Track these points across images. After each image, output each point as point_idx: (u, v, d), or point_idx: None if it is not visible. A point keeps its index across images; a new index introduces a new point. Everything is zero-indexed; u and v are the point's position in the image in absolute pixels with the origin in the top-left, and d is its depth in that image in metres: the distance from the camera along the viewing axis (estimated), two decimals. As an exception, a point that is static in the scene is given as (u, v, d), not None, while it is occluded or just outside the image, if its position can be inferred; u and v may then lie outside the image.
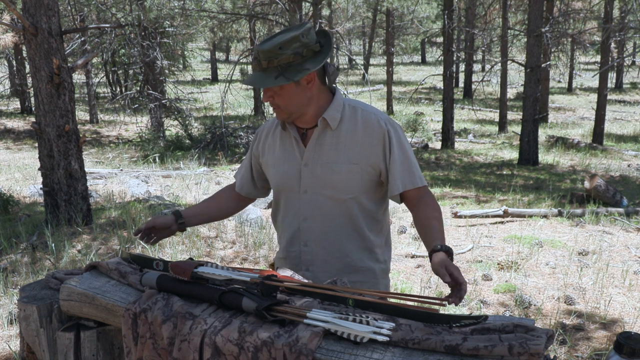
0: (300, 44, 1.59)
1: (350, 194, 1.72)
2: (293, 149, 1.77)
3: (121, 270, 1.58)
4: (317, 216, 1.75)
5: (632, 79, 28.69)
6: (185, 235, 4.78)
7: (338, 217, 1.74)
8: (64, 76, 4.69)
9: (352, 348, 1.17)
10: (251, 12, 12.70)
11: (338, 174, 1.71)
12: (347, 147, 1.71)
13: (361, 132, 1.72)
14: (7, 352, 2.99)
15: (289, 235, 1.82)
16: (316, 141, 1.74)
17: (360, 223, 1.76)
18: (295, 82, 1.63)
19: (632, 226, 5.70)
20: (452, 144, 12.98)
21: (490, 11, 19.23)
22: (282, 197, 1.83)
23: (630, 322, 3.54)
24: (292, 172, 1.76)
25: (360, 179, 1.72)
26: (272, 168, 1.83)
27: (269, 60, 1.59)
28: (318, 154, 1.73)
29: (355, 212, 1.75)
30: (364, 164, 1.71)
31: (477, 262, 4.61)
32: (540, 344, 1.08)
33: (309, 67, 1.62)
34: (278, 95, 1.66)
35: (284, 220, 1.84)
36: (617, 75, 24.79)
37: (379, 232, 1.83)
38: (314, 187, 1.74)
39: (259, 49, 1.61)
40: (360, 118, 1.74)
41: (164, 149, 11.44)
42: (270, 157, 1.83)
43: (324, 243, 1.76)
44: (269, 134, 1.86)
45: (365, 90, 23.61)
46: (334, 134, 1.73)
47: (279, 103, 1.67)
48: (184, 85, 19.70)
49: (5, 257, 4.38)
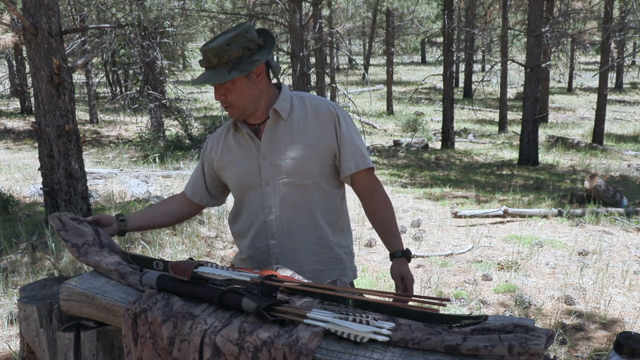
0: (245, 39, 1.66)
1: (310, 179, 1.77)
2: (249, 145, 1.79)
3: (121, 271, 1.57)
4: (280, 206, 1.78)
5: (632, 79, 28.69)
6: (185, 235, 4.78)
7: (301, 205, 1.78)
8: (64, 76, 4.69)
9: (352, 348, 1.17)
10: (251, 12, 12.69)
11: (297, 160, 1.75)
12: (302, 134, 1.76)
13: (312, 118, 1.78)
14: (7, 352, 2.99)
15: (254, 232, 1.83)
16: (270, 133, 1.77)
17: (323, 208, 1.81)
18: (247, 76, 1.68)
19: (632, 226, 5.70)
20: (452, 144, 12.98)
21: (490, 11, 19.24)
22: (244, 195, 1.84)
23: (630, 322, 3.54)
24: (252, 167, 1.79)
25: (318, 164, 1.77)
26: (230, 167, 1.84)
27: (219, 56, 1.64)
28: (274, 145, 1.76)
29: (317, 198, 1.79)
30: (320, 147, 1.76)
31: (477, 262, 4.61)
32: (540, 344, 1.08)
33: (258, 58, 1.68)
34: (230, 91, 1.69)
35: (247, 219, 1.85)
36: (617, 75, 24.80)
37: (340, 216, 1.88)
38: (275, 178, 1.77)
39: (206, 49, 1.65)
40: (310, 105, 1.80)
41: (164, 149, 11.44)
42: (226, 159, 1.84)
43: (291, 232, 1.79)
44: (220, 140, 1.88)
45: (365, 90, 23.61)
46: (287, 124, 1.77)
47: (232, 100, 1.71)
48: (184, 85, 19.70)
49: (5, 257, 4.38)
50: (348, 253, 1.91)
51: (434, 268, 4.47)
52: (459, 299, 3.85)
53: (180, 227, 4.95)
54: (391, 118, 18.28)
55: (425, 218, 5.97)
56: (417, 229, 5.52)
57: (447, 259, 4.70)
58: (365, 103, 20.35)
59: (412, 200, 7.02)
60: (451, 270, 4.43)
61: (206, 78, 1.66)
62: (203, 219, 5.30)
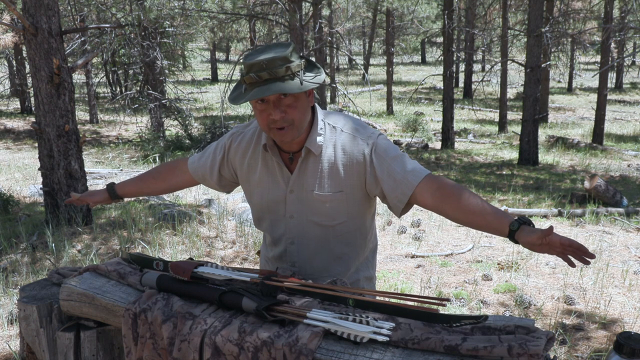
0: (297, 54, 1.51)
1: (337, 220, 1.66)
2: (276, 175, 1.66)
3: (120, 272, 1.58)
4: (304, 240, 1.70)
5: (632, 79, 28.70)
6: (185, 235, 4.78)
7: (325, 242, 1.69)
8: (64, 76, 4.69)
9: (352, 348, 1.17)
10: (251, 12, 12.69)
11: (323, 203, 1.63)
12: (330, 175, 1.62)
13: (341, 160, 1.61)
14: (7, 352, 2.99)
15: (277, 254, 1.77)
16: (299, 167, 1.63)
17: (346, 244, 1.72)
18: (306, 93, 1.53)
19: (632, 226, 5.70)
20: (452, 144, 12.98)
21: (490, 11, 19.24)
22: (267, 219, 1.75)
23: (630, 322, 3.54)
24: (277, 198, 1.68)
25: (346, 205, 1.65)
26: (255, 188, 1.71)
27: (286, 67, 1.45)
28: (302, 181, 1.64)
29: (345, 234, 1.70)
30: (348, 190, 1.62)
31: (477, 262, 4.61)
32: (539, 345, 1.08)
33: (319, 73, 1.53)
34: (292, 108, 1.50)
35: (270, 236, 1.78)
36: (617, 75, 24.82)
37: (364, 249, 1.78)
38: (300, 213, 1.67)
39: (268, 59, 1.43)
40: (340, 144, 1.61)
41: (164, 149, 11.44)
42: (252, 177, 1.71)
43: (312, 264, 1.72)
44: (247, 154, 1.71)
45: (365, 90, 23.61)
46: (317, 160, 1.62)
47: (294, 117, 1.51)
48: (184, 85, 19.70)
49: (5, 257, 4.38)
50: (368, 278, 1.83)
51: (434, 268, 4.47)
52: (459, 299, 3.85)
53: (180, 227, 4.95)
54: (391, 118, 18.28)
55: (425, 218, 5.97)
56: (417, 229, 5.52)
57: (447, 259, 4.70)
58: (365, 103, 20.35)
59: (412, 200, 7.02)
60: (451, 270, 4.43)
61: (276, 89, 1.43)
62: (203, 219, 5.30)
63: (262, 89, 1.44)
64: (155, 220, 5.12)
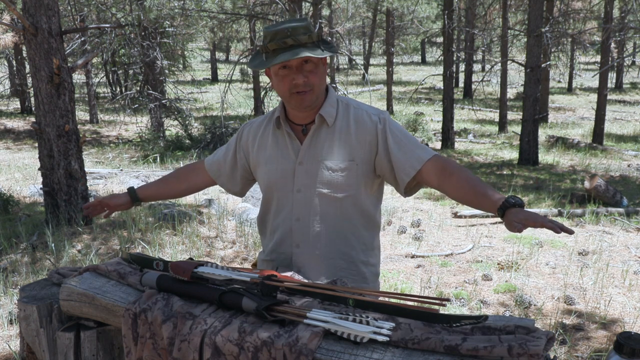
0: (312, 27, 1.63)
1: (345, 192, 1.67)
2: (287, 147, 1.71)
3: (120, 272, 1.58)
4: (310, 216, 1.69)
5: (632, 79, 28.70)
6: (185, 235, 4.78)
7: (332, 217, 1.69)
8: (64, 76, 4.69)
9: (352, 348, 1.17)
10: (251, 12, 12.70)
11: (334, 172, 1.66)
12: (342, 144, 1.67)
13: (354, 130, 1.68)
14: (7, 352, 2.99)
15: (280, 237, 1.75)
16: (311, 138, 1.68)
17: (354, 223, 1.72)
18: (322, 62, 1.63)
19: (632, 226, 5.70)
20: (452, 144, 12.98)
21: (490, 11, 19.24)
22: (274, 197, 1.75)
23: (630, 322, 3.54)
24: (286, 171, 1.70)
25: (356, 177, 1.67)
26: (264, 166, 1.75)
27: (309, 34, 1.57)
28: (313, 152, 1.68)
29: (350, 212, 1.70)
30: (360, 161, 1.67)
31: (477, 262, 4.61)
32: (539, 345, 1.08)
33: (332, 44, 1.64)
34: (313, 73, 1.61)
35: (275, 221, 1.77)
36: (617, 75, 24.81)
37: (372, 232, 1.79)
38: (308, 186, 1.68)
39: (292, 27, 1.55)
40: (352, 116, 1.70)
41: (164, 149, 11.44)
42: (261, 155, 1.76)
43: (317, 244, 1.70)
44: (258, 134, 1.78)
45: (365, 90, 23.60)
46: (329, 131, 1.68)
47: (314, 82, 1.61)
48: (184, 85, 19.71)
49: (5, 257, 4.38)
50: (374, 273, 1.82)
51: (434, 268, 4.47)
52: (459, 299, 3.85)
53: (180, 227, 4.95)
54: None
55: (425, 218, 5.97)
56: (417, 229, 5.52)
57: (447, 259, 4.70)
58: (365, 103, 20.31)
59: (412, 200, 7.02)
60: (451, 270, 4.43)
61: (299, 53, 1.53)
62: (203, 219, 5.30)
63: (288, 54, 1.54)
64: (155, 220, 5.12)
